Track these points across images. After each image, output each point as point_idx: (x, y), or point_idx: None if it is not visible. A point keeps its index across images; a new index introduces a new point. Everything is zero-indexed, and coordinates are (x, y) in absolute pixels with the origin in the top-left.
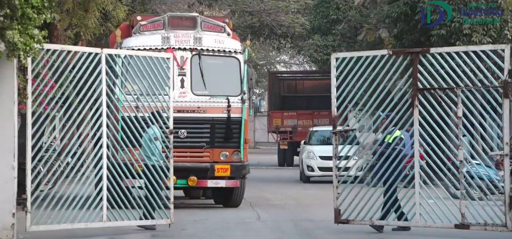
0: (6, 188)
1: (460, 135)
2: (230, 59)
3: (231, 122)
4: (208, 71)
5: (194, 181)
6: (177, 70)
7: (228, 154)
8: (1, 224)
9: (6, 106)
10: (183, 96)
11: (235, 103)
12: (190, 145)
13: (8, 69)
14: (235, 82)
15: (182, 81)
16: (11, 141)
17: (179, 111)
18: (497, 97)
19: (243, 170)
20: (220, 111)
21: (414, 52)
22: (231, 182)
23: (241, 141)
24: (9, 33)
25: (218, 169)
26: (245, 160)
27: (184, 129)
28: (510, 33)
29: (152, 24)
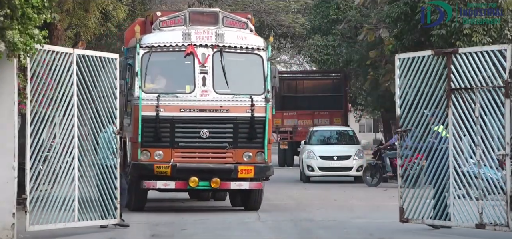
0: (6, 188)
1: (478, 136)
2: (253, 56)
3: (255, 122)
4: (231, 68)
5: (217, 183)
6: (199, 67)
7: (252, 155)
8: (1, 224)
9: (6, 106)
10: (205, 94)
11: (258, 102)
12: (212, 146)
13: (8, 69)
14: (258, 80)
15: (203, 79)
16: (11, 141)
17: (201, 110)
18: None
19: (267, 172)
20: (243, 110)
21: (448, 52)
22: (255, 184)
23: (265, 142)
24: (9, 33)
25: (241, 170)
26: (269, 161)
27: (206, 129)
28: (510, 33)
29: (172, 20)
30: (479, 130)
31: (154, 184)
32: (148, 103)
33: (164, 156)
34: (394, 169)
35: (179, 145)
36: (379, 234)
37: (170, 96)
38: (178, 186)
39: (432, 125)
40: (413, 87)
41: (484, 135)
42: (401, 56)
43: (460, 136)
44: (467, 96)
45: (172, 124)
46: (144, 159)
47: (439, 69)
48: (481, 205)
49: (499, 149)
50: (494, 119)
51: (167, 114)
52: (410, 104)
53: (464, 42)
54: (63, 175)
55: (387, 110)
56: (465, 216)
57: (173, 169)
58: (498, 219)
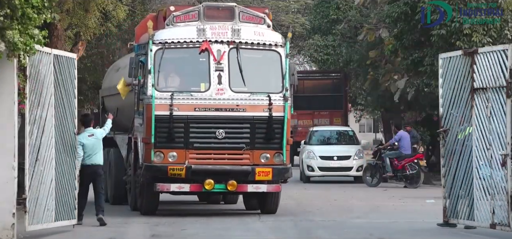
0: (6, 188)
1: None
2: (270, 53)
3: (273, 122)
4: (247, 66)
5: (233, 186)
6: (214, 65)
7: (269, 156)
8: (1, 224)
9: (6, 106)
10: (220, 93)
11: (276, 101)
12: (228, 146)
13: (8, 69)
14: (276, 78)
15: (219, 77)
16: (11, 141)
17: (217, 110)
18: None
19: (286, 173)
20: (261, 110)
21: (471, 52)
22: (273, 186)
23: (284, 142)
24: (9, 33)
25: (259, 172)
26: (287, 162)
27: (222, 129)
28: (510, 33)
29: (186, 15)
30: (493, 130)
31: (168, 187)
32: (162, 102)
33: (178, 157)
34: (394, 169)
35: (193, 146)
36: (379, 234)
37: (184, 95)
38: (193, 189)
39: (461, 125)
40: (450, 87)
41: (492, 136)
42: (443, 55)
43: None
44: (484, 96)
45: (186, 124)
46: (157, 161)
47: (466, 69)
48: (492, 205)
49: (502, 149)
50: (499, 119)
51: (181, 113)
52: (448, 103)
53: (464, 42)
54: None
55: (387, 110)
56: (484, 216)
57: (187, 171)
58: (504, 219)
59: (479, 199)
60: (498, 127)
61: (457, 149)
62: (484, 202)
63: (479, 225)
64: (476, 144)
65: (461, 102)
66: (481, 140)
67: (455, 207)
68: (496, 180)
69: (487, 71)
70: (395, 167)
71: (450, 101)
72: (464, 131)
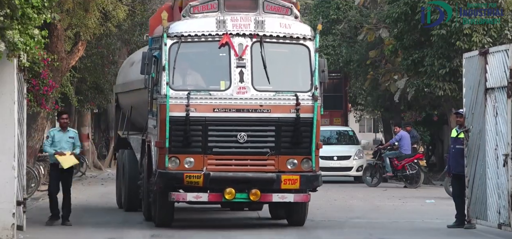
0: (6, 188)
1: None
2: (298, 46)
3: (301, 124)
4: (273, 61)
5: (256, 195)
6: (235, 60)
7: (297, 162)
8: (1, 224)
9: (7, 106)
10: (242, 92)
11: (305, 100)
12: (251, 151)
13: (8, 69)
14: (304, 75)
15: (241, 74)
16: (11, 141)
17: (238, 110)
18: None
19: (315, 181)
20: (288, 110)
21: (483, 53)
22: (301, 196)
23: (313, 147)
24: (9, 33)
25: (285, 180)
26: (317, 169)
27: (244, 132)
28: (511, 33)
29: (204, 5)
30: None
31: (184, 196)
32: (177, 102)
33: (195, 163)
34: (394, 169)
35: (212, 151)
36: (378, 234)
37: (202, 94)
38: (212, 199)
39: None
40: (470, 86)
41: (498, 136)
42: (466, 55)
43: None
44: (493, 96)
45: (204, 126)
46: (172, 167)
47: (481, 69)
48: (499, 205)
49: (505, 149)
50: (503, 119)
51: (198, 114)
52: (469, 102)
53: (464, 42)
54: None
55: (387, 110)
56: (494, 216)
57: (206, 179)
58: (507, 219)
59: (489, 198)
60: (502, 127)
61: (474, 150)
62: (493, 202)
63: (489, 225)
64: (488, 144)
65: (477, 102)
66: (491, 140)
67: (474, 207)
68: (501, 180)
69: (495, 71)
70: (395, 167)
71: (470, 101)
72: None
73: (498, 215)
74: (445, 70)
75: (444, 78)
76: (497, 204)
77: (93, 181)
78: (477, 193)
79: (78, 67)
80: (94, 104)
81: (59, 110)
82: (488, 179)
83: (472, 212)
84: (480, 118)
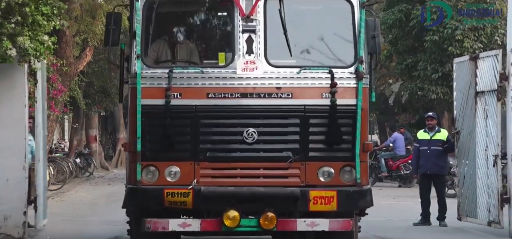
0: (18, 187)
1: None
2: (335, 1)
3: (339, 114)
4: (296, 23)
5: (271, 221)
6: (241, 22)
7: (334, 172)
8: (13, 222)
9: (18, 109)
10: (251, 68)
11: (345, 79)
12: (264, 156)
13: (19, 73)
14: (344, 43)
15: (249, 43)
16: (22, 143)
17: (244, 96)
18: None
19: (361, 201)
20: (318, 95)
21: (473, 58)
22: (340, 222)
23: (357, 148)
24: (20, 39)
25: (315, 198)
26: (364, 181)
27: (252, 128)
28: (500, 39)
29: None
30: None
31: (164, 224)
32: (153, 83)
33: (181, 174)
34: (389, 169)
35: (206, 156)
36: (374, 231)
37: (191, 72)
38: (206, 227)
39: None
40: (461, 90)
41: (489, 137)
42: (456, 60)
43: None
44: (483, 99)
45: (194, 119)
46: (147, 181)
47: (471, 74)
48: (489, 204)
49: (495, 150)
50: (493, 122)
51: (185, 102)
52: (460, 106)
53: (456, 48)
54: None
55: (382, 112)
56: (484, 214)
57: (196, 197)
58: (496, 217)
59: (479, 197)
60: (492, 129)
61: (465, 150)
62: (483, 201)
63: (479, 223)
64: (478, 145)
65: (467, 105)
66: (481, 142)
67: (464, 206)
68: (491, 180)
69: (485, 76)
70: (390, 167)
71: (460, 104)
72: (440, 133)
73: (488, 213)
74: (438, 74)
75: (436, 82)
76: (487, 202)
77: (100, 181)
78: (468, 192)
79: (86, 71)
80: (101, 107)
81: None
82: (478, 179)
83: (462, 211)
84: (470, 120)
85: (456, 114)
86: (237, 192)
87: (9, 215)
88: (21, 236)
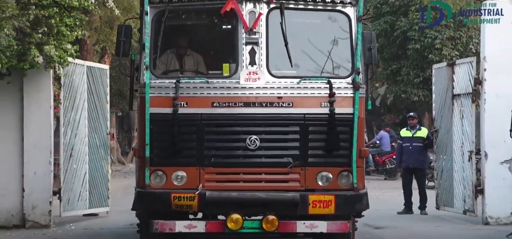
0: (44, 180)
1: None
2: (333, 14)
3: (337, 122)
4: (297, 36)
5: (273, 224)
6: (244, 35)
7: (332, 176)
8: (40, 210)
9: (44, 110)
10: (253, 78)
11: (342, 89)
12: (266, 162)
13: (45, 78)
14: (342, 54)
15: (251, 54)
16: (48, 140)
17: (247, 105)
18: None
19: (357, 204)
20: (317, 104)
21: (451, 64)
22: (337, 225)
23: (353, 154)
24: (46, 48)
25: (314, 202)
26: (361, 186)
27: (255, 135)
28: (474, 47)
29: None
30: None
31: (171, 226)
32: (161, 93)
33: (187, 179)
34: (375, 163)
35: (211, 162)
36: (362, 220)
37: (197, 82)
38: (211, 229)
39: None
40: (439, 93)
41: (464, 135)
42: (435, 66)
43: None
44: (459, 101)
45: (200, 127)
46: (155, 185)
47: (449, 78)
48: (464, 195)
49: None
50: (468, 121)
51: (191, 110)
52: (438, 107)
53: (435, 55)
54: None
55: (369, 113)
56: (459, 204)
57: (201, 201)
58: (471, 206)
59: (456, 189)
60: (467, 128)
61: (443, 147)
62: (459, 192)
63: (455, 212)
64: (455, 143)
65: (444, 107)
66: (458, 139)
67: (442, 197)
68: (466, 173)
69: (461, 80)
70: (377, 162)
71: (439, 105)
72: (420, 131)
73: (463, 203)
74: (420, 79)
75: (418, 86)
76: (462, 193)
77: (117, 175)
78: (445, 184)
79: None
80: (118, 108)
81: None
82: (455, 172)
83: (440, 201)
84: (448, 120)
85: (435, 114)
86: (240, 197)
87: (36, 205)
88: (47, 224)
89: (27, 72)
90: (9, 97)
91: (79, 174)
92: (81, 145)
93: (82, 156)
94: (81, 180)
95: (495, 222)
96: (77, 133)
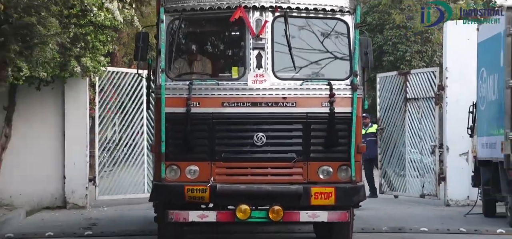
0: (81, 169)
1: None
2: (333, 22)
3: (336, 120)
4: (300, 41)
5: (278, 213)
6: (251, 41)
7: (332, 170)
8: (78, 194)
9: (81, 111)
10: (260, 80)
11: (341, 90)
12: (271, 157)
13: (82, 85)
14: (341, 58)
15: (258, 58)
16: (84, 137)
17: (255, 104)
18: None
19: (355, 195)
20: (319, 104)
21: (404, 73)
22: (337, 214)
23: (352, 150)
24: (83, 60)
25: (316, 194)
26: (358, 178)
27: (261, 133)
28: (438, 59)
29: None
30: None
31: (185, 216)
32: (175, 94)
33: (200, 173)
34: None
35: (221, 157)
36: None
37: (208, 84)
38: (221, 218)
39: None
40: (386, 97)
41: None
42: (380, 75)
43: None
44: (415, 104)
45: (211, 125)
46: (170, 178)
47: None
48: (422, 181)
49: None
50: (428, 120)
51: (203, 110)
52: (384, 109)
53: (406, 66)
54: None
55: None
56: (415, 189)
57: (212, 193)
58: (432, 191)
59: (410, 177)
60: (427, 126)
61: (392, 141)
62: (415, 179)
63: (410, 196)
64: (408, 137)
65: (395, 108)
66: (413, 135)
67: (390, 183)
68: (425, 163)
69: (418, 86)
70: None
71: (386, 108)
72: (371, 128)
73: (421, 188)
74: None
75: None
76: (420, 180)
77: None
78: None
79: None
80: None
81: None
82: (408, 163)
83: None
84: (399, 119)
85: (380, 115)
86: (248, 189)
87: (75, 189)
88: (84, 205)
89: (67, 80)
90: (53, 101)
91: (117, 164)
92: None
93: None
94: (118, 169)
95: (455, 204)
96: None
